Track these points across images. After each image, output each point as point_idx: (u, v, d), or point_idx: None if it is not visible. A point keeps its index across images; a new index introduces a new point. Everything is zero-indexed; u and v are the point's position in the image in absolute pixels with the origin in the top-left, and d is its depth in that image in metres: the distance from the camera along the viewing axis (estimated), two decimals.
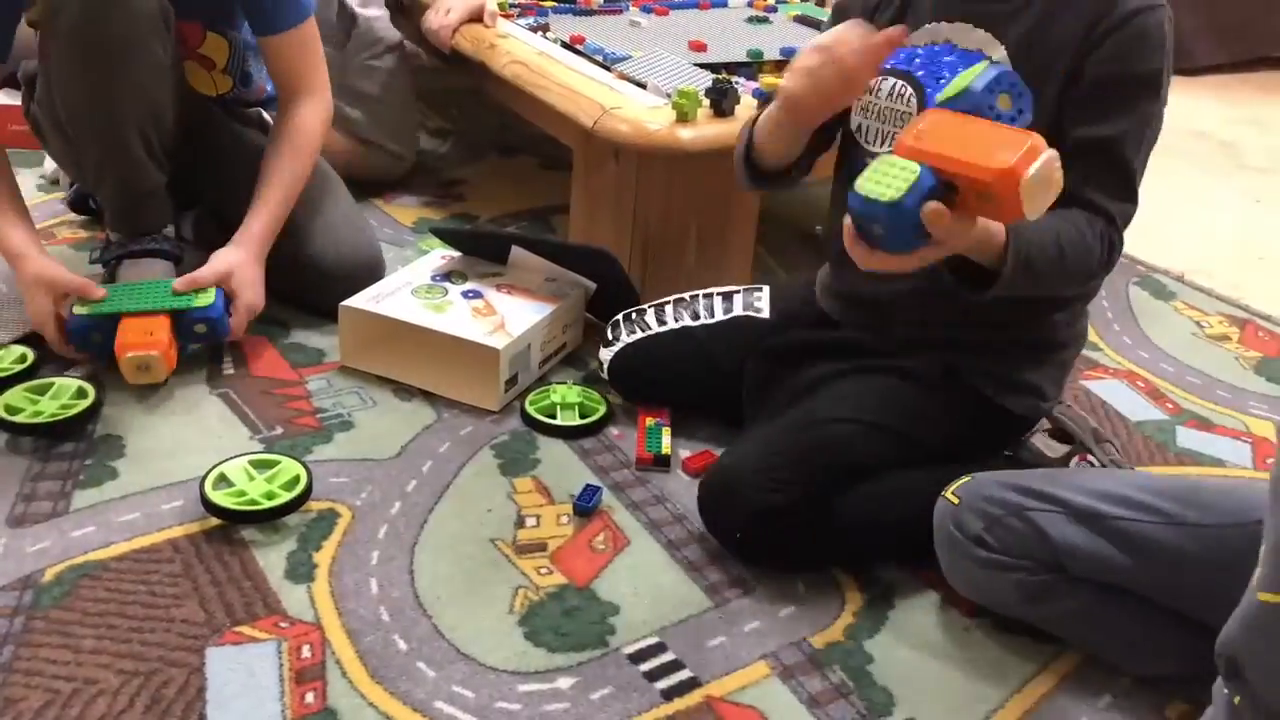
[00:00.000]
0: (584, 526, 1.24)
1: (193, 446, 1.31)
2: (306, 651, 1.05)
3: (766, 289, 1.42)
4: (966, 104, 0.96)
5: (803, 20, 2.06)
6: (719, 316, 1.39)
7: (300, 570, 1.14)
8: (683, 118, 1.51)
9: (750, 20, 2.04)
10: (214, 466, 1.23)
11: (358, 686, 1.01)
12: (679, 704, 1.02)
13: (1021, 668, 1.10)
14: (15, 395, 1.34)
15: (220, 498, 1.19)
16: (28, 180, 1.99)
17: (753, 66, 1.82)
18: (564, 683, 1.03)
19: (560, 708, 1.01)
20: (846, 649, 1.10)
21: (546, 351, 1.51)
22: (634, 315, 1.44)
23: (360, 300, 1.48)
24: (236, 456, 1.26)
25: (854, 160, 1.23)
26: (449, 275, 1.57)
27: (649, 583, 1.16)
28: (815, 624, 1.12)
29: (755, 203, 1.66)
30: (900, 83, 1.16)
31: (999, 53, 1.12)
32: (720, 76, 1.68)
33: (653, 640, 1.09)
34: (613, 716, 1.00)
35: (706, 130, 1.52)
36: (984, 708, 1.05)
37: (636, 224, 1.62)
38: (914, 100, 1.15)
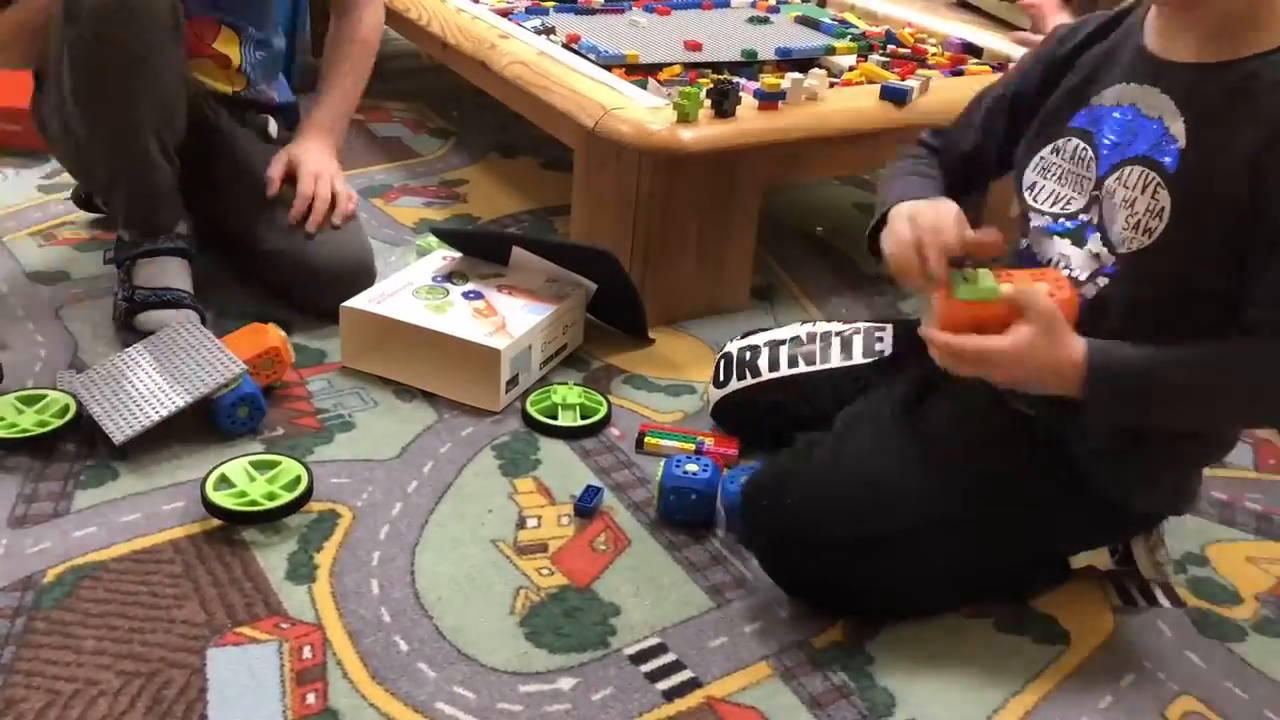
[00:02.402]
0: (585, 527, 1.23)
1: (194, 447, 1.31)
2: (307, 652, 1.05)
3: (890, 327, 1.33)
4: None
5: (803, 21, 2.06)
6: (835, 363, 1.31)
7: (301, 571, 1.14)
8: (684, 118, 1.51)
9: (751, 20, 2.04)
10: (215, 467, 1.23)
11: (359, 687, 1.01)
12: (680, 705, 1.02)
13: (1022, 668, 1.09)
14: (3, 403, 1.32)
15: (221, 498, 1.19)
16: (28, 180, 1.99)
17: (753, 67, 1.82)
18: (565, 683, 1.03)
19: (561, 708, 1.01)
20: (848, 650, 1.10)
21: (547, 352, 1.50)
22: (746, 354, 1.36)
23: (361, 301, 1.48)
24: (237, 457, 1.26)
25: (1017, 223, 1.17)
26: (450, 276, 1.57)
27: (650, 583, 1.16)
28: (816, 625, 1.12)
29: (755, 203, 1.67)
30: (1083, 145, 1.09)
31: (1177, 124, 1.00)
32: (722, 77, 1.68)
33: (654, 641, 1.09)
34: (614, 717, 1.00)
35: (707, 131, 1.52)
36: (985, 708, 1.05)
37: (637, 224, 1.62)
38: (1093, 164, 1.07)
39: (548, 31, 1.88)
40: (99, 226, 1.82)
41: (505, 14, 1.99)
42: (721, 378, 1.38)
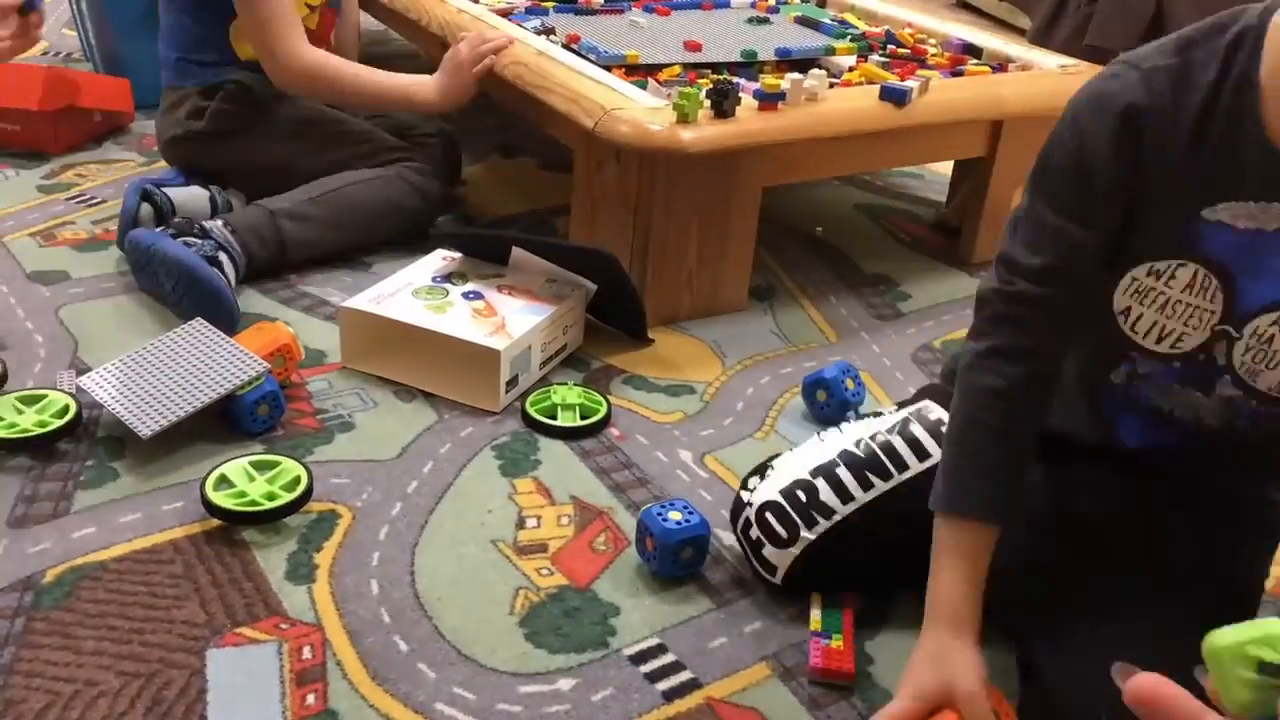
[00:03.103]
0: (584, 527, 1.24)
1: (193, 447, 1.31)
2: (307, 653, 1.05)
3: (932, 404, 1.14)
4: None
5: (803, 21, 2.06)
6: (915, 467, 1.09)
7: (301, 571, 1.14)
8: (683, 119, 1.51)
9: (751, 21, 2.04)
10: (215, 467, 1.23)
11: (358, 688, 1.01)
12: (680, 705, 1.02)
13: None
14: (3, 403, 1.32)
15: (221, 499, 1.19)
16: (28, 180, 1.99)
17: (752, 68, 1.82)
18: (565, 684, 1.03)
19: (561, 709, 1.01)
20: None
21: (547, 352, 1.51)
22: (800, 495, 1.09)
23: (361, 301, 1.48)
24: (237, 457, 1.26)
25: (1110, 348, 0.96)
26: (450, 276, 1.57)
27: (649, 584, 1.16)
28: None
29: (755, 203, 1.67)
30: (1204, 273, 0.88)
31: None
32: (722, 77, 1.68)
33: (653, 641, 1.09)
34: (613, 718, 1.00)
35: (707, 131, 1.52)
36: None
37: (637, 225, 1.62)
38: (1219, 296, 0.88)
39: (548, 32, 1.88)
40: (98, 226, 1.82)
41: (505, 14, 1.99)
42: (782, 533, 1.10)
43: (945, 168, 2.22)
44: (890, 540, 1.07)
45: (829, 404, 1.45)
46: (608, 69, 1.71)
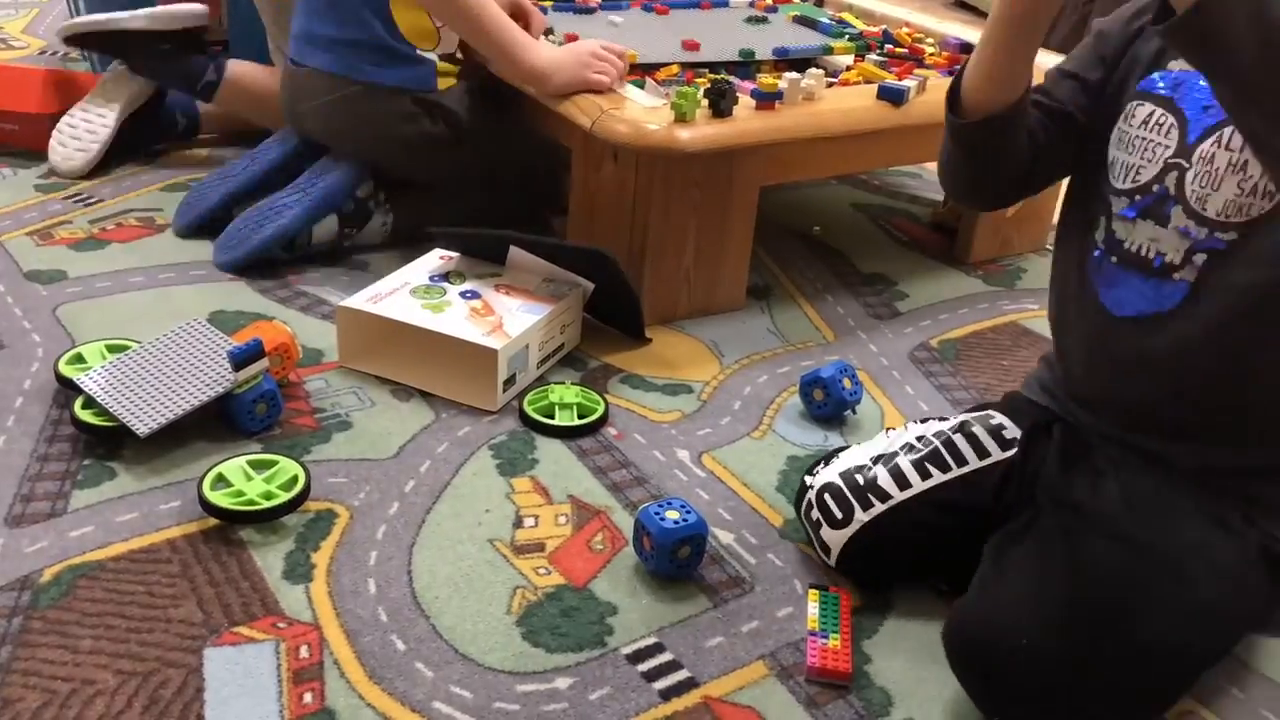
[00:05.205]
0: (582, 527, 1.24)
1: (190, 446, 1.31)
2: (304, 652, 1.05)
3: (996, 414, 1.19)
4: None
5: (801, 20, 2.06)
6: (973, 463, 1.14)
7: (298, 570, 1.14)
8: (681, 118, 1.51)
9: (749, 20, 2.04)
10: (212, 466, 1.23)
11: (356, 687, 1.01)
12: (677, 704, 1.02)
13: None
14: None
15: (218, 498, 1.19)
16: (25, 180, 1.99)
17: (750, 67, 1.82)
18: (562, 683, 1.03)
19: (558, 708, 1.01)
20: None
21: (544, 352, 1.51)
22: (858, 479, 1.14)
23: (358, 300, 1.48)
24: (234, 456, 1.26)
25: (1094, 199, 1.10)
26: (447, 275, 1.57)
27: (647, 583, 1.16)
28: None
29: (753, 203, 1.67)
30: (1161, 111, 1.04)
31: None
32: (720, 76, 1.68)
33: (651, 640, 1.09)
34: (611, 717, 1.00)
35: (705, 130, 1.52)
36: None
37: (635, 224, 1.62)
38: (1174, 130, 1.03)
39: (546, 32, 1.87)
40: (97, 226, 1.82)
41: None
42: (837, 514, 1.14)
43: None
44: (942, 530, 1.13)
45: (826, 403, 1.45)
46: None
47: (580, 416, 1.41)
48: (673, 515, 1.15)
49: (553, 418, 1.40)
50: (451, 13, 1.66)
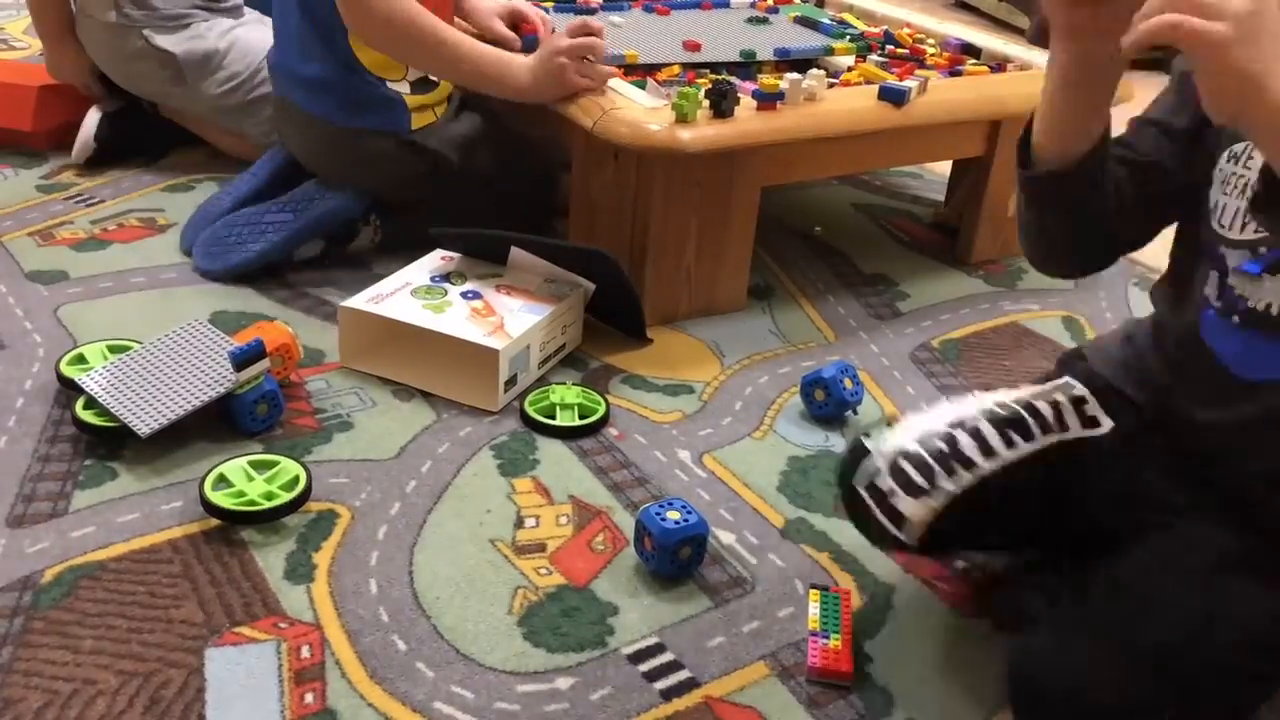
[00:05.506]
0: (583, 527, 1.24)
1: (192, 447, 1.31)
2: (306, 652, 1.05)
3: (1084, 391, 1.07)
4: None
5: (802, 21, 2.06)
6: (1057, 434, 1.04)
7: (299, 571, 1.14)
8: (682, 119, 1.51)
9: (750, 21, 2.04)
10: (213, 467, 1.23)
11: (357, 687, 1.01)
12: (678, 704, 1.02)
13: None
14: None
15: (219, 498, 1.19)
16: (26, 180, 1.99)
17: (751, 67, 1.82)
18: (563, 683, 1.03)
19: (559, 708, 1.01)
20: None
21: (546, 352, 1.51)
22: (941, 446, 1.02)
23: (359, 301, 1.48)
24: (236, 457, 1.26)
25: (1197, 252, 1.01)
26: (448, 276, 1.57)
27: (648, 583, 1.16)
28: None
29: (754, 203, 1.67)
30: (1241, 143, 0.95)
31: None
32: (721, 77, 1.68)
33: (652, 640, 1.09)
34: (612, 717, 1.00)
35: (706, 131, 1.52)
36: (983, 708, 1.05)
37: (636, 225, 1.62)
38: (1254, 158, 0.94)
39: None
40: (97, 226, 1.82)
41: None
42: (920, 481, 1.00)
43: (944, 167, 2.22)
44: (1024, 506, 1.05)
45: (827, 403, 1.45)
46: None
47: (581, 417, 1.41)
48: (674, 515, 1.15)
49: (554, 418, 1.40)
50: (432, 59, 1.65)
